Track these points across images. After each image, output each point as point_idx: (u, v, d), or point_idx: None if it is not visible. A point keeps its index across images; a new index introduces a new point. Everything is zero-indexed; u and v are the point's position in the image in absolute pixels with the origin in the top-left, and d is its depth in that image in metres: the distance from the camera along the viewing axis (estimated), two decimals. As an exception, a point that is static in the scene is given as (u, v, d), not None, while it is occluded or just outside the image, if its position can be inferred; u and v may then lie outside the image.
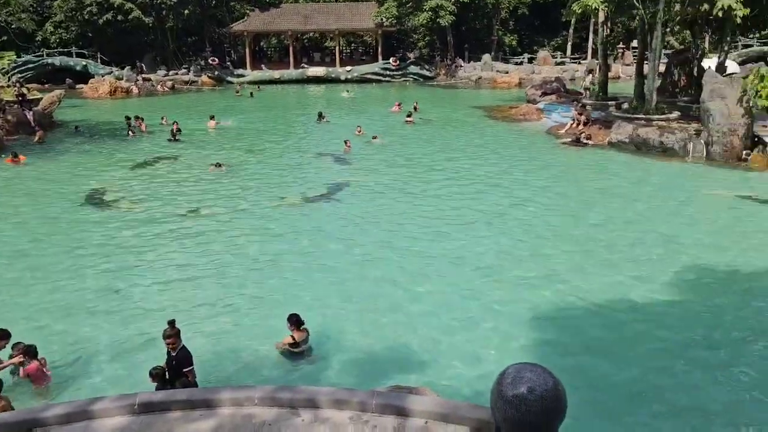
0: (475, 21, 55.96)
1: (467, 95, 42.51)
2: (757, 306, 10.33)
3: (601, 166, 20.81)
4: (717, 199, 16.81)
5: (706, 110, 20.95)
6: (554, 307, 10.30)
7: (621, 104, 27.80)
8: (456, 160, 21.62)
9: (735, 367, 8.49)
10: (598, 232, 13.99)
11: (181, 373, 7.34)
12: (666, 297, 10.59)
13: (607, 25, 30.47)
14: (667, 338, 9.26)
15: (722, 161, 20.36)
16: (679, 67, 29.90)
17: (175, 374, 7.36)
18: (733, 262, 12.04)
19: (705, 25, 26.93)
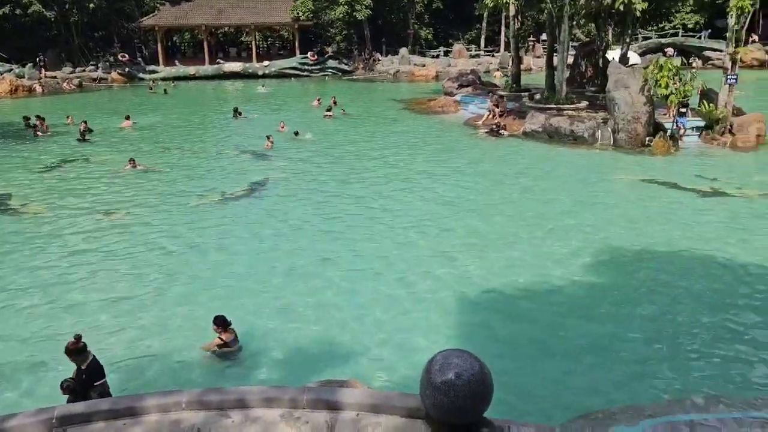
0: (391, 15, 56.41)
1: (386, 89, 42.83)
2: (665, 280, 11.01)
3: (516, 155, 21.51)
4: (624, 183, 17.75)
5: (612, 99, 22.05)
6: (477, 292, 10.60)
7: (533, 95, 28.82)
8: (377, 154, 21.80)
9: (648, 342, 9.04)
10: (515, 218, 14.48)
11: (92, 386, 7.03)
12: (582, 277, 11.11)
13: (517, 19, 31.43)
14: (586, 320, 9.73)
15: (628, 147, 21.51)
16: (585, 59, 31.29)
17: (86, 388, 7.02)
18: (640, 241, 12.78)
19: (608, 18, 28.25)
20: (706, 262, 11.80)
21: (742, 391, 7.68)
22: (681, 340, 9.01)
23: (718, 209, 15.08)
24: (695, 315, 9.75)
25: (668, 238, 13.06)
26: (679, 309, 9.97)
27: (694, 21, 53.77)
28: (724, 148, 21.51)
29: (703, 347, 8.80)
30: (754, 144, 21.58)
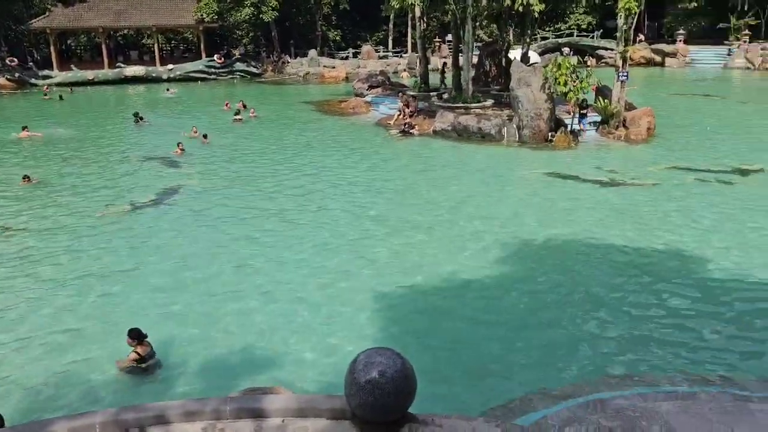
0: (298, 16, 56.01)
1: (296, 91, 42.54)
2: (571, 266, 11.62)
3: (428, 153, 21.98)
4: (530, 177, 18.53)
5: (515, 97, 22.96)
6: (394, 291, 10.77)
7: (442, 95, 29.51)
8: (290, 156, 21.65)
9: (553, 327, 9.52)
10: (428, 216, 14.81)
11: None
12: (494, 269, 11.53)
13: (423, 20, 32.04)
14: (506, 312, 10.11)
15: (532, 143, 22.47)
16: (489, 58, 32.37)
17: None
18: (546, 232, 13.41)
19: (509, 19, 29.36)
20: (607, 247, 12.53)
21: (650, 369, 8.24)
22: (587, 324, 9.54)
23: (615, 198, 16.06)
24: (597, 297, 10.36)
25: (572, 226, 13.78)
26: (582, 293, 10.56)
27: (587, 22, 56.75)
28: (619, 141, 22.88)
29: (609, 330, 9.36)
30: (645, 136, 23.08)
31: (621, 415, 6.37)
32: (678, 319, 9.57)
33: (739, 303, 10.06)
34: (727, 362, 8.35)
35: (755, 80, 43.94)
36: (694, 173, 18.22)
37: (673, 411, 6.41)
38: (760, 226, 13.61)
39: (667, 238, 12.99)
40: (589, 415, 6.33)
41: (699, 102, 33.00)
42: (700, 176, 17.88)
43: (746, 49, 49.02)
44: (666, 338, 9.03)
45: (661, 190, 16.63)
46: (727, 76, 46.03)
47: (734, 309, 9.86)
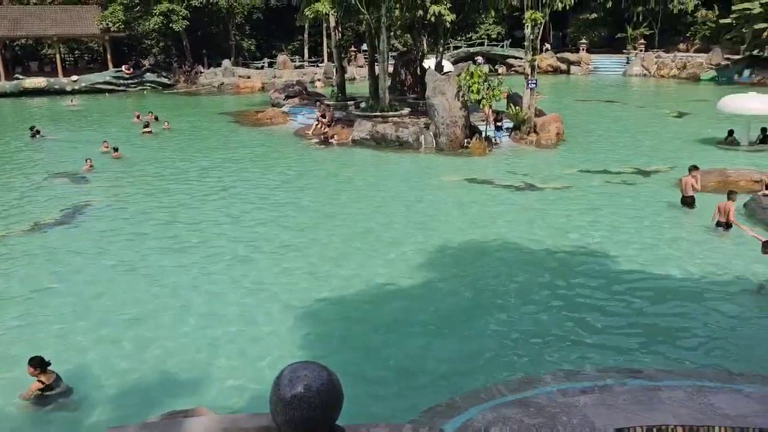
0: (211, 26, 54.86)
1: (211, 102, 41.60)
2: (491, 268, 11.93)
3: (346, 162, 22.03)
4: (448, 183, 18.92)
5: (431, 105, 23.42)
6: (317, 303, 10.67)
7: (359, 104, 29.68)
8: (205, 169, 21.10)
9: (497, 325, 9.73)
10: (349, 225, 14.81)
11: None
12: (414, 276, 11.66)
13: (338, 30, 32.14)
14: (427, 317, 10.22)
15: (449, 150, 22.97)
16: (405, 68, 32.84)
17: None
18: (465, 236, 13.72)
19: (422, 29, 29.93)
20: (522, 249, 12.95)
21: (569, 365, 8.55)
22: (506, 325, 9.81)
23: (529, 201, 16.66)
24: (515, 298, 10.68)
25: (489, 230, 14.16)
26: (501, 295, 10.86)
27: (497, 32, 58.79)
28: (530, 146, 23.77)
29: (528, 329, 9.66)
30: (555, 141, 24.11)
31: (543, 411, 6.59)
32: (590, 315, 10.00)
33: (641, 300, 10.63)
34: (637, 355, 8.80)
35: (651, 86, 46.89)
36: (601, 175, 19.17)
37: (590, 404, 6.69)
38: (657, 223, 14.48)
39: (578, 238, 13.57)
40: (513, 415, 6.50)
41: (602, 107, 34.82)
42: (606, 178, 18.83)
43: (642, 57, 52.26)
44: (581, 334, 9.41)
45: (571, 192, 17.39)
46: (626, 83, 48.87)
47: (638, 304, 10.42)
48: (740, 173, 17.43)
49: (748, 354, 8.77)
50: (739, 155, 21.63)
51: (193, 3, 48.67)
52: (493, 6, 29.38)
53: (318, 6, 25.32)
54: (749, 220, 14.36)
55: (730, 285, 11.00)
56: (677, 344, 9.10)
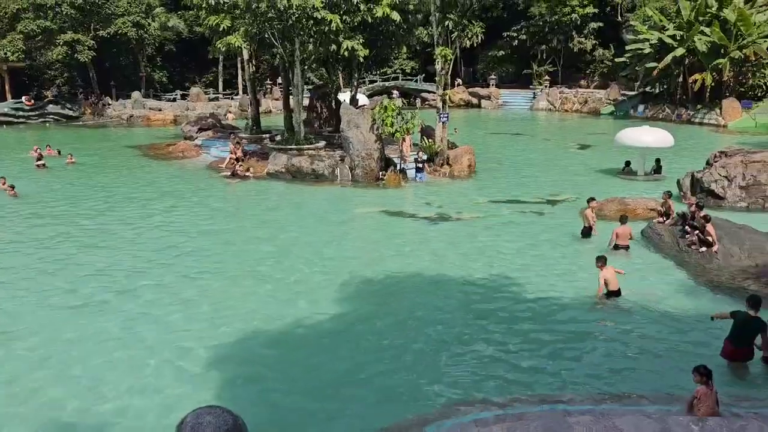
0: (119, 57, 53.24)
1: (120, 135, 40.12)
2: (407, 303, 11.98)
3: (262, 196, 21.72)
4: (364, 215, 19.00)
5: (346, 138, 23.60)
6: (223, 341, 10.33)
7: (274, 137, 29.50)
8: (112, 205, 20.17)
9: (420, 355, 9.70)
10: (264, 260, 14.53)
11: None
12: (330, 311, 11.54)
13: (252, 63, 32.04)
14: (336, 351, 10.09)
15: (365, 182, 23.14)
16: (320, 101, 33.06)
17: None
18: (381, 267, 13.75)
19: (337, 63, 30.28)
20: (437, 280, 13.12)
21: (486, 393, 8.65)
22: (424, 356, 9.84)
23: (442, 231, 16.98)
24: (429, 329, 10.76)
25: (405, 262, 14.27)
26: (420, 324, 10.91)
27: (411, 66, 60.36)
28: (444, 177, 24.33)
29: (453, 357, 9.72)
30: (467, 173, 24.81)
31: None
32: (498, 342, 10.21)
33: (548, 325, 10.98)
34: (547, 381, 9.03)
35: (556, 120, 49.39)
36: (511, 205, 19.84)
37: (502, 432, 6.77)
38: (564, 250, 15.09)
39: (489, 268, 13.90)
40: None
41: (512, 140, 36.25)
42: (516, 208, 19.51)
43: (547, 92, 55.06)
44: (493, 364, 9.57)
45: (483, 222, 17.87)
46: (533, 117, 51.24)
47: (545, 330, 10.74)
48: (638, 202, 18.50)
49: (650, 375, 9.18)
50: (636, 185, 23.01)
51: (100, 33, 47.16)
52: (405, 42, 30.26)
53: (230, 39, 25.12)
54: (646, 247, 15.23)
55: (634, 308, 11.55)
56: (584, 368, 9.41)
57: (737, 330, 9.12)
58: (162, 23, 51.27)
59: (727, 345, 9.20)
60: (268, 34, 24.69)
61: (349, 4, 25.32)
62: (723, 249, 13.71)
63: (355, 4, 25.18)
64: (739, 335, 9.11)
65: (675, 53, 41.61)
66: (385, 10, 24.72)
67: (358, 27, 25.88)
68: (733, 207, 18.66)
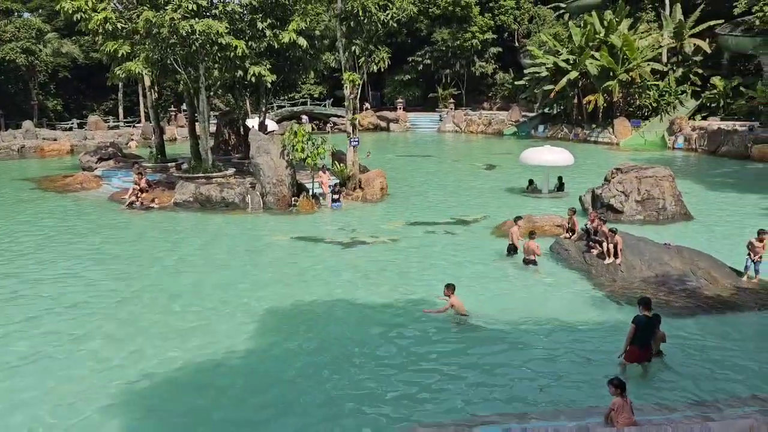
0: (8, 84, 50.08)
1: (10, 167, 37.47)
2: (324, 331, 11.74)
3: (169, 227, 20.82)
4: (278, 243, 18.61)
5: (256, 165, 23.16)
6: (126, 386, 9.71)
7: (181, 165, 28.54)
8: (2, 244, 18.69)
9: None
10: (175, 296, 13.86)
11: None
12: (247, 344, 11.12)
13: (154, 89, 30.92)
14: (256, 386, 9.71)
15: (277, 209, 22.74)
16: (228, 127, 32.37)
17: None
18: (297, 295, 13.45)
19: (244, 89, 29.79)
20: (354, 305, 12.97)
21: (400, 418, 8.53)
22: (347, 386, 9.64)
23: (357, 255, 16.90)
24: (347, 356, 10.57)
25: (321, 288, 14.05)
26: (337, 349, 10.70)
27: (319, 91, 60.53)
28: (357, 201, 24.34)
29: (371, 385, 9.55)
30: (380, 196, 24.94)
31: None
32: (419, 365, 10.19)
33: (468, 346, 11.09)
34: (470, 401, 9.06)
35: (463, 141, 50.90)
36: (425, 226, 20.07)
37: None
38: (478, 269, 15.39)
39: (406, 289, 13.92)
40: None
41: (421, 162, 36.91)
42: (429, 229, 19.75)
43: (453, 115, 56.72)
44: (411, 387, 9.51)
45: (397, 245, 17.94)
46: (441, 139, 52.55)
47: (466, 350, 10.83)
48: (544, 218, 19.21)
49: (566, 389, 9.41)
50: (541, 202, 23.95)
51: (-15, 60, 44.37)
52: (312, 67, 30.22)
53: (130, 65, 24.17)
54: (554, 261, 15.80)
55: (546, 322, 11.87)
56: (500, 387, 9.52)
57: (642, 333, 9.61)
58: (55, 49, 48.85)
59: (634, 349, 9.64)
60: (171, 60, 23.95)
61: (255, 30, 25.09)
62: (626, 261, 14.42)
63: (261, 30, 24.98)
64: (643, 337, 9.64)
65: (569, 76, 44.03)
66: (292, 36, 24.67)
67: (265, 52, 25.66)
68: (630, 220, 19.74)
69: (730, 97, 40.71)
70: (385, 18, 24.15)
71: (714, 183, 27.37)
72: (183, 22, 22.02)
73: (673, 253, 14.63)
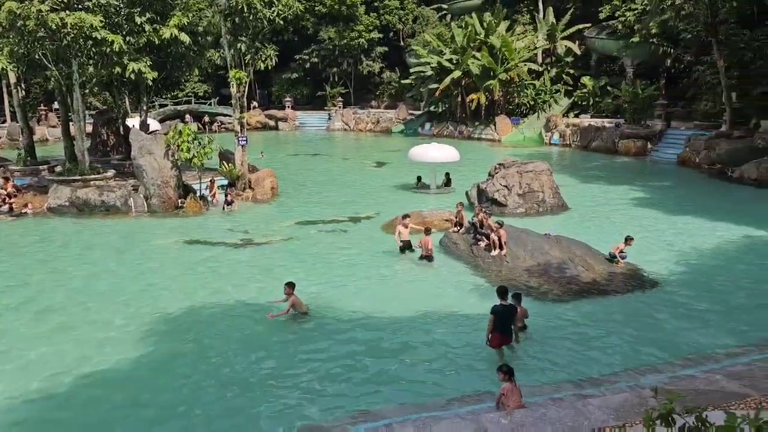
0: None
1: None
2: (219, 336, 11.44)
3: (43, 234, 19.37)
4: (165, 246, 17.89)
5: (139, 166, 22.08)
6: (13, 402, 9.04)
7: (54, 167, 26.63)
8: None
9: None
10: (51, 307, 12.96)
11: None
12: (134, 354, 10.64)
13: (21, 87, 28.61)
14: (146, 397, 9.31)
15: (163, 211, 21.82)
16: (106, 127, 30.60)
17: None
18: (188, 301, 13.01)
19: (122, 86, 28.25)
20: (249, 308, 12.74)
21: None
22: (236, 394, 9.46)
23: (250, 257, 16.60)
24: (237, 356, 10.40)
25: (213, 292, 13.67)
26: (232, 356, 10.48)
27: (204, 89, 58.59)
28: (247, 202, 23.85)
29: (261, 387, 9.43)
30: (270, 196, 24.61)
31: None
32: (313, 364, 10.20)
33: (365, 340, 11.24)
34: (367, 393, 9.18)
35: (352, 139, 51.27)
36: (317, 225, 20.05)
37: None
38: (373, 265, 15.61)
39: (301, 289, 13.84)
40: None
41: (312, 161, 36.79)
42: (322, 228, 19.76)
43: (342, 113, 56.95)
44: (310, 386, 9.51)
45: (290, 245, 17.80)
46: (330, 137, 52.62)
47: (364, 346, 10.97)
48: (433, 214, 19.78)
49: (461, 377, 9.77)
50: (430, 198, 24.64)
51: None
52: (196, 65, 29.24)
53: (-8, 60, 22.22)
54: (444, 255, 16.32)
55: (436, 314, 12.24)
56: (402, 377, 9.74)
57: (501, 320, 10.26)
58: None
59: (497, 336, 10.27)
60: (39, 55, 22.26)
61: (133, 24, 23.87)
62: (510, 252, 15.16)
63: (140, 25, 23.81)
64: (504, 323, 10.29)
65: (453, 75, 45.54)
66: (173, 32, 23.70)
67: (144, 48, 24.48)
68: (513, 213, 20.78)
69: (599, 96, 43.76)
70: (270, 15, 23.83)
71: (587, 176, 29.37)
72: (52, 15, 20.53)
73: (553, 243, 15.57)
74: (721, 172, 28.40)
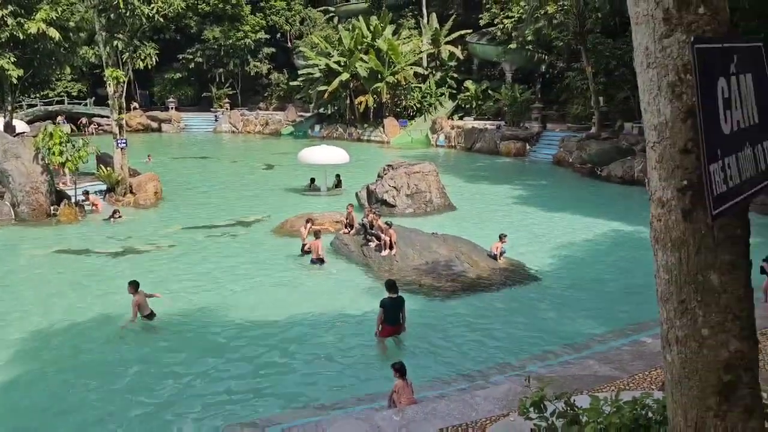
0: None
1: None
2: (106, 351, 10.81)
3: None
4: (36, 257, 16.64)
5: (4, 171, 20.41)
6: None
7: None
8: None
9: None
10: None
11: None
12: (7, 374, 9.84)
13: None
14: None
15: (33, 219, 20.29)
16: (-36, 129, 27.96)
17: None
18: (63, 316, 12.20)
19: (-18, 85, 25.99)
20: (124, 318, 12.13)
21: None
22: (125, 409, 9.01)
23: (133, 266, 15.77)
24: (102, 370, 9.93)
25: (90, 305, 12.89)
26: (91, 370, 9.95)
27: (78, 89, 54.92)
28: (128, 207, 22.65)
29: (156, 401, 9.02)
30: (154, 201, 23.54)
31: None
32: (210, 373, 9.93)
33: (260, 347, 11.06)
34: (258, 398, 9.04)
35: (240, 141, 50.15)
36: (205, 230, 19.44)
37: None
38: (263, 268, 15.38)
39: (189, 297, 13.39)
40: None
41: (198, 164, 35.60)
42: (210, 232, 19.18)
43: (229, 115, 55.49)
44: (215, 392, 9.24)
45: (176, 251, 17.13)
46: (217, 139, 51.16)
47: (258, 351, 10.79)
48: (324, 216, 19.76)
49: (354, 377, 9.84)
50: (320, 200, 24.60)
51: None
52: (68, 62, 27.51)
53: None
54: (336, 256, 16.37)
55: (329, 316, 12.26)
56: (297, 383, 9.67)
57: (389, 312, 10.79)
58: None
59: (386, 327, 10.79)
60: None
61: (-7, 17, 22.06)
62: (400, 251, 15.46)
63: (2, 18, 22.01)
64: (392, 315, 10.83)
65: (341, 77, 45.73)
66: (40, 26, 22.13)
67: (8, 44, 22.65)
68: (402, 213, 21.19)
69: (481, 99, 45.59)
70: (149, 12, 22.81)
71: (471, 176, 30.54)
72: None
73: (440, 241, 16.06)
74: (591, 171, 30.51)
